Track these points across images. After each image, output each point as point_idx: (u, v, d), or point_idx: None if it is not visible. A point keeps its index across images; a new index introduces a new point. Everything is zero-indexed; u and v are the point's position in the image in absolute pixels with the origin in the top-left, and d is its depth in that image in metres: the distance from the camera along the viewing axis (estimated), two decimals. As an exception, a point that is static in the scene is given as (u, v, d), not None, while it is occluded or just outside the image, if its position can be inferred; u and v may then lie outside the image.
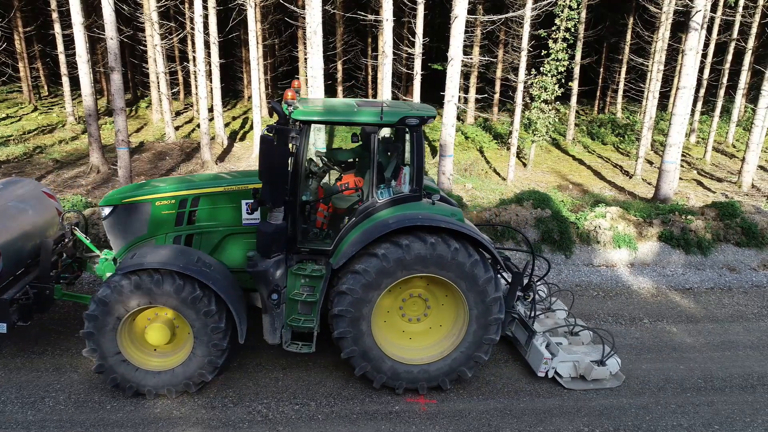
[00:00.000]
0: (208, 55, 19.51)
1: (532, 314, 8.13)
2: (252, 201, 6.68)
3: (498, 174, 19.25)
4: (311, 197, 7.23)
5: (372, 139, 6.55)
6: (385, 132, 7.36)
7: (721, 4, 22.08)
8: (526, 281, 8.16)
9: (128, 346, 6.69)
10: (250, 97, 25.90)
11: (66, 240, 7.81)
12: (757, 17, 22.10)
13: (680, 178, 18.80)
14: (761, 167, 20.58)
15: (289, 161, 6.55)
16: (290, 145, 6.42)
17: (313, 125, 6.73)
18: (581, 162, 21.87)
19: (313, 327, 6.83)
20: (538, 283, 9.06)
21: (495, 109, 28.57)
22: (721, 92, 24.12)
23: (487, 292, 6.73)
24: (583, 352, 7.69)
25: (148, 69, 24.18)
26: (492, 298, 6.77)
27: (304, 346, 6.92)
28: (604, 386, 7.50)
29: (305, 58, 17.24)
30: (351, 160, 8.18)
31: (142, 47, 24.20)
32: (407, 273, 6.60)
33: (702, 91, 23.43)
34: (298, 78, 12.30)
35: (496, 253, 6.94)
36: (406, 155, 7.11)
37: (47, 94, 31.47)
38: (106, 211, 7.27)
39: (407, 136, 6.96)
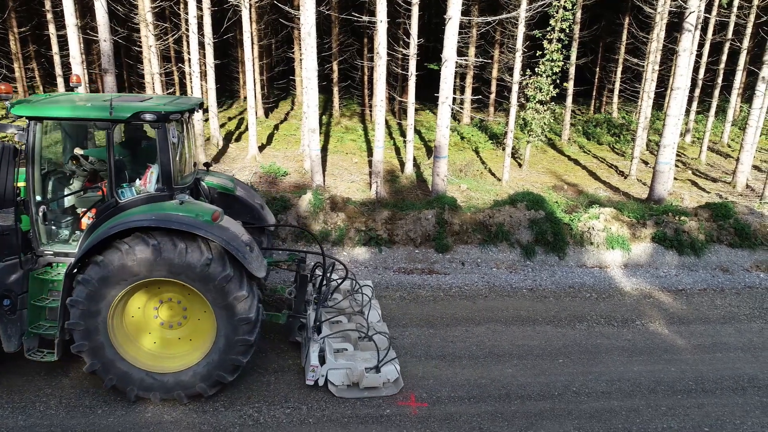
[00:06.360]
0: (203, 56, 19.47)
1: (320, 318, 7.77)
2: None
3: (493, 174, 19.24)
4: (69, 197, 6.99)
5: (108, 136, 6.38)
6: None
7: (716, 4, 22.10)
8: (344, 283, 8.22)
9: None
10: (245, 98, 25.85)
11: None
12: (752, 17, 22.10)
13: (675, 179, 18.82)
14: (756, 167, 20.59)
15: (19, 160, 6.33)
16: (19, 143, 6.23)
17: (43, 121, 6.53)
18: (577, 162, 21.88)
19: (55, 334, 6.49)
20: (356, 287, 8.90)
21: (491, 109, 28.56)
22: (716, 92, 24.14)
23: (227, 292, 6.34)
24: (363, 359, 7.31)
25: (143, 70, 24.10)
26: (234, 297, 6.37)
27: (48, 354, 6.58)
28: (380, 394, 7.16)
29: (300, 59, 17.24)
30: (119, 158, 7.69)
31: (137, 48, 24.12)
32: (136, 279, 6.23)
33: (697, 91, 23.45)
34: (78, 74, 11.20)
35: (241, 255, 6.36)
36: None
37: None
38: None
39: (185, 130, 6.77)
